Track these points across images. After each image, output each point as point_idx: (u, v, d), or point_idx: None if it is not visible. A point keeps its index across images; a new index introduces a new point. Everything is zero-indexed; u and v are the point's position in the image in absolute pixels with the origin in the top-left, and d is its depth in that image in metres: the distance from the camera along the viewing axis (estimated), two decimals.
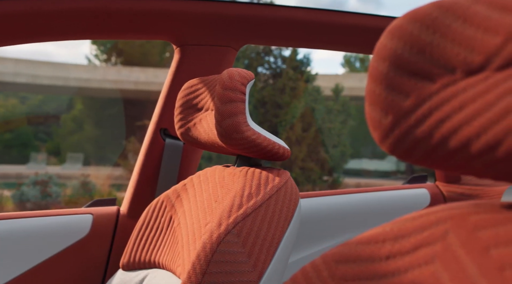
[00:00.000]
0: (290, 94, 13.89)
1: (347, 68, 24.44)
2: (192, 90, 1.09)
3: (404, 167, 16.70)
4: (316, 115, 14.11)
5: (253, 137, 0.93)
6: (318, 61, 26.67)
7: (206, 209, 0.98)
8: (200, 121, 1.05)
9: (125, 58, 15.84)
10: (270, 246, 0.85)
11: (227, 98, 0.91)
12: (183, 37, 1.27)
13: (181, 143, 1.34)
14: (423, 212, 0.38)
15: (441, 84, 0.32)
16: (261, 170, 0.96)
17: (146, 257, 1.06)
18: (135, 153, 12.84)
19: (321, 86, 14.81)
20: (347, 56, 24.80)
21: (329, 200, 1.43)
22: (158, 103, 1.34)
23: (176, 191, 1.09)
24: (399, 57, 0.34)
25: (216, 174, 1.04)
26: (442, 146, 0.31)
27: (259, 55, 14.38)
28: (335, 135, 14.51)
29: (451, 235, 0.33)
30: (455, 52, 0.31)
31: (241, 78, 0.93)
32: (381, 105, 0.35)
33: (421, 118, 0.32)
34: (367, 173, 16.73)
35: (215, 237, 0.81)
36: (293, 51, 14.68)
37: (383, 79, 0.34)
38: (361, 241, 0.39)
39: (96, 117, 14.86)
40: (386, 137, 0.35)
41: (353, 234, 1.44)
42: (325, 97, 14.88)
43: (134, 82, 15.32)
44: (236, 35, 1.28)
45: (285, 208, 0.90)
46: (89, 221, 1.28)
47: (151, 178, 1.34)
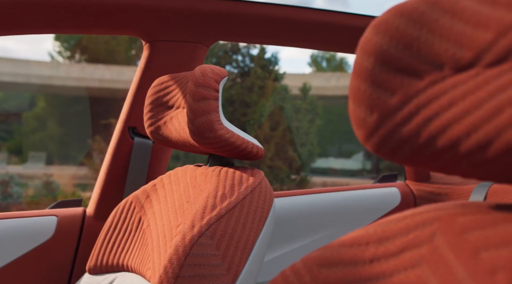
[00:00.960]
0: (258, 93, 13.92)
1: (314, 68, 24.65)
2: (163, 87, 1.05)
3: (370, 166, 16.97)
4: (284, 114, 14.17)
5: (226, 136, 0.90)
6: (285, 60, 26.79)
7: (178, 210, 0.95)
8: (171, 119, 1.02)
9: (90, 56, 15.54)
10: (244, 248, 0.83)
11: (199, 96, 0.88)
12: (153, 33, 1.23)
13: (150, 142, 1.30)
14: (407, 213, 0.37)
15: (429, 81, 0.31)
16: (234, 169, 0.93)
17: (114, 260, 1.02)
18: (100, 152, 12.63)
19: (289, 85, 14.88)
20: (314, 55, 25.00)
21: (302, 199, 1.42)
22: (126, 100, 1.30)
23: (145, 191, 1.06)
24: (385, 53, 0.33)
25: (188, 174, 1.01)
26: (430, 145, 0.30)
27: (227, 53, 14.34)
28: (303, 134, 14.62)
29: (438, 237, 0.32)
30: (443, 48, 0.30)
31: (214, 75, 0.91)
32: (366, 103, 0.33)
33: (408, 116, 0.31)
34: (333, 172, 16.92)
35: (188, 240, 0.79)
36: (261, 50, 14.71)
37: (368, 76, 0.33)
38: (343, 243, 0.38)
39: (60, 116, 14.53)
40: (371, 136, 0.34)
41: (327, 232, 1.44)
42: (293, 96, 14.96)
43: (99, 80, 15.05)
44: (208, 31, 1.25)
45: (260, 209, 0.88)
46: (54, 223, 1.23)
47: (119, 178, 1.30)
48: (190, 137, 0.94)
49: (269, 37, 1.34)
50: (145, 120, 1.07)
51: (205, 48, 1.28)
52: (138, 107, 1.27)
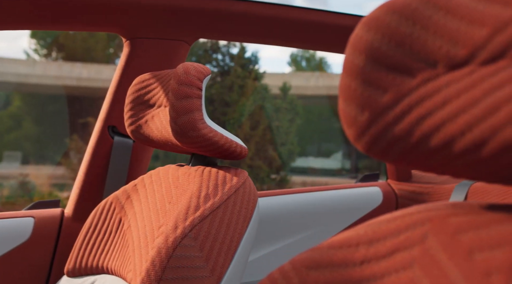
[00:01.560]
0: (238, 92, 13.91)
1: (293, 67, 24.76)
2: (144, 85, 1.03)
3: (350, 165, 17.10)
4: (265, 114, 14.19)
5: (210, 135, 0.89)
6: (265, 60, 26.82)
7: (159, 211, 0.93)
8: (152, 118, 1.00)
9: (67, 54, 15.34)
10: (228, 249, 0.82)
11: (182, 94, 0.86)
12: (133, 30, 1.21)
13: (130, 141, 1.28)
14: (398, 214, 0.36)
15: (422, 79, 0.30)
16: (217, 169, 0.92)
17: (93, 262, 1.00)
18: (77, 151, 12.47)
19: (269, 84, 14.90)
20: (293, 55, 25.10)
21: (286, 199, 1.42)
22: (106, 99, 1.28)
23: (126, 191, 1.04)
24: (376, 50, 0.32)
25: (170, 174, 0.99)
26: (422, 144, 0.30)
27: (207, 52, 14.30)
28: (283, 134, 14.65)
29: (431, 238, 0.32)
30: (437, 45, 0.30)
31: (197, 73, 0.89)
32: (356, 101, 0.33)
33: (400, 115, 0.31)
34: (313, 171, 17.01)
35: (170, 241, 0.77)
36: (241, 49, 14.70)
37: (359, 74, 0.32)
38: (332, 245, 0.37)
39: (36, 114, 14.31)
40: (362, 135, 0.33)
41: (310, 232, 1.44)
42: (273, 96, 14.99)
43: (77, 78, 14.87)
44: (189, 28, 1.23)
45: (244, 209, 0.87)
46: (30, 224, 1.19)
47: (98, 178, 1.27)
48: (173, 137, 0.92)
49: (252, 35, 1.32)
50: (125, 119, 1.05)
51: (186, 46, 1.26)
52: (118, 106, 1.25)
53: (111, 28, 1.20)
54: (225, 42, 14.95)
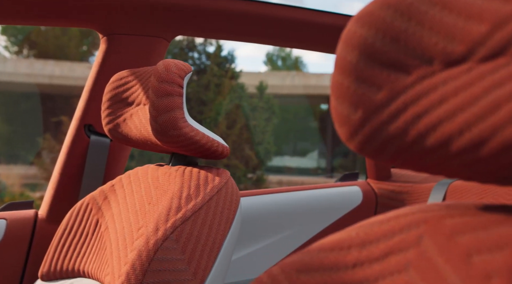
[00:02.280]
0: (214, 91, 13.86)
1: (269, 66, 24.84)
2: (122, 83, 1.00)
3: (325, 164, 17.23)
4: (242, 113, 14.19)
5: (191, 134, 0.86)
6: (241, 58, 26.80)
7: (138, 212, 0.90)
8: (131, 116, 0.97)
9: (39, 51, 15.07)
10: (211, 251, 0.79)
11: (163, 92, 0.84)
12: (110, 26, 1.17)
13: (107, 140, 1.24)
14: (391, 215, 0.35)
15: (417, 76, 0.29)
16: (199, 169, 0.90)
17: (69, 265, 0.97)
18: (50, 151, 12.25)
19: (245, 83, 14.90)
20: (269, 54, 25.19)
21: (266, 198, 1.40)
22: (82, 97, 1.24)
23: (103, 192, 1.01)
24: (370, 46, 0.31)
25: (149, 174, 0.96)
26: (418, 143, 0.29)
27: (183, 50, 14.21)
28: (259, 133, 14.67)
29: (426, 240, 0.31)
30: (433, 42, 0.29)
31: (178, 70, 0.86)
32: (349, 99, 0.32)
33: (395, 113, 0.30)
34: (288, 170, 17.10)
35: (151, 244, 0.74)
36: (218, 47, 14.65)
37: (352, 71, 0.31)
38: (323, 247, 0.36)
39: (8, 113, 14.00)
40: (355, 134, 0.32)
41: (291, 231, 1.43)
42: (249, 95, 14.99)
43: (49, 76, 14.62)
44: (168, 25, 1.21)
45: (226, 210, 0.85)
46: (3, 226, 1.15)
47: (74, 178, 1.23)
48: (152, 136, 0.90)
49: (232, 33, 1.30)
50: (102, 117, 1.02)
51: (165, 43, 1.23)
52: (94, 104, 1.21)
53: (87, 24, 1.17)
54: (201, 40, 14.91)
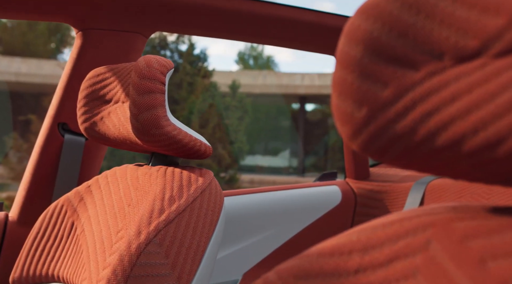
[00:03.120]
0: (187, 90, 13.77)
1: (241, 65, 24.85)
2: (99, 79, 0.96)
3: (297, 163, 17.32)
4: (215, 112, 14.14)
5: (173, 133, 0.83)
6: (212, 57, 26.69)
7: (117, 214, 0.87)
8: (109, 114, 0.93)
9: (5, 48, 14.69)
10: (195, 254, 0.77)
11: (144, 89, 0.81)
12: (86, 20, 1.13)
13: (82, 139, 1.20)
14: (394, 218, 0.33)
15: (426, 72, 0.28)
16: (181, 169, 0.87)
17: (42, 270, 0.92)
18: (17, 150, 11.95)
19: (218, 82, 14.85)
20: (241, 53, 25.19)
21: (245, 198, 1.38)
22: (55, 94, 1.19)
23: (78, 193, 0.97)
24: (376, 40, 0.29)
25: (128, 174, 0.93)
26: (427, 143, 0.28)
27: (155, 48, 14.06)
28: (232, 132, 14.63)
29: (435, 245, 0.29)
30: (443, 36, 0.27)
31: (160, 67, 0.83)
32: (353, 96, 0.30)
33: (403, 111, 0.28)
34: (260, 169, 17.13)
35: (134, 248, 0.71)
36: (190, 45, 14.56)
37: (356, 66, 0.30)
38: (322, 252, 0.34)
39: None
40: (359, 133, 0.30)
41: (272, 231, 1.41)
42: (222, 94, 14.94)
43: (15, 73, 14.26)
44: (147, 20, 1.17)
45: (210, 212, 0.82)
46: None
47: (47, 179, 1.18)
48: (132, 134, 0.86)
49: (211, 29, 1.28)
50: (78, 115, 0.98)
51: (143, 39, 1.20)
52: (69, 102, 1.17)
53: (62, 18, 1.12)
54: (174, 38, 14.78)
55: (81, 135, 1.20)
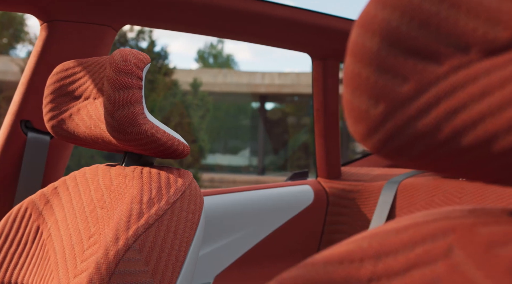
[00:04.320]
0: (148, 88, 13.56)
1: (200, 64, 24.70)
2: (67, 74, 0.91)
3: (256, 162, 17.37)
4: (176, 110, 14.01)
5: (151, 131, 0.79)
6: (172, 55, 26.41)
7: (89, 218, 0.82)
8: (78, 112, 0.88)
9: None
10: (176, 261, 0.72)
11: (121, 84, 0.76)
12: (52, 11, 1.06)
13: (47, 138, 1.13)
14: (406, 223, 0.31)
15: (450, 66, 0.26)
16: (158, 170, 0.82)
17: (5, 279, 0.87)
18: None
19: (178, 80, 14.71)
20: (200, 51, 25.04)
21: (217, 199, 1.34)
22: (17, 90, 1.12)
23: (44, 195, 0.92)
24: (394, 31, 0.27)
25: (99, 175, 0.88)
26: (452, 142, 0.26)
27: (114, 45, 13.77)
28: (194, 130, 14.52)
29: (457, 252, 0.27)
30: (470, 27, 0.25)
31: (136, 60, 0.79)
32: (369, 91, 0.28)
33: (425, 108, 0.27)
34: (220, 168, 17.09)
35: (112, 255, 0.66)
36: (151, 43, 14.35)
37: (372, 59, 0.28)
38: (330, 260, 0.32)
39: None
40: (374, 131, 0.28)
41: (244, 232, 1.38)
42: (183, 92, 14.81)
43: None
44: (117, 13, 1.11)
45: (191, 214, 0.78)
46: None
47: (9, 180, 1.11)
48: (105, 133, 0.81)
49: (183, 24, 1.23)
50: (44, 112, 0.92)
51: (113, 32, 1.14)
52: (33, 98, 1.10)
53: (25, 8, 1.05)
54: (134, 35, 14.53)
55: (46, 133, 1.13)
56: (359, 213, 1.50)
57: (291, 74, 16.86)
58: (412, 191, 1.38)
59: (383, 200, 1.44)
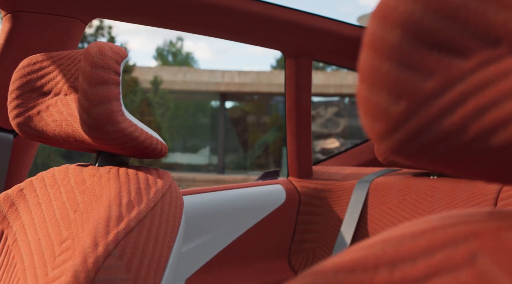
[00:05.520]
0: None
1: (159, 61, 24.39)
2: (35, 68, 0.85)
3: (217, 161, 17.31)
4: (137, 108, 13.78)
5: (130, 130, 0.75)
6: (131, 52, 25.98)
7: (60, 222, 0.77)
8: (48, 108, 0.83)
9: None
10: (157, 266, 0.69)
11: (98, 79, 0.71)
12: (16, 1, 1.00)
13: (10, 136, 1.07)
14: (422, 226, 0.30)
15: (478, 61, 0.25)
16: (136, 170, 0.78)
17: None
18: None
19: (138, 78, 14.47)
20: (159, 49, 24.74)
21: (189, 199, 1.31)
22: None
23: (8, 197, 0.87)
24: (417, 23, 0.26)
25: (71, 176, 0.83)
26: (480, 142, 0.25)
27: None
28: (154, 129, 14.31)
29: (483, 258, 0.26)
30: (501, 19, 0.24)
31: (114, 55, 0.74)
32: (390, 87, 0.26)
33: (451, 105, 0.25)
34: (179, 167, 16.93)
35: (91, 262, 0.62)
36: (110, 39, 14.06)
37: (393, 53, 0.26)
38: (340, 267, 0.29)
39: None
40: (394, 130, 0.27)
41: (217, 232, 1.35)
42: (144, 90, 14.58)
43: None
44: (86, 5, 1.06)
45: (172, 217, 0.74)
46: None
47: None
48: (78, 131, 0.77)
49: (154, 18, 1.19)
50: (9, 109, 0.86)
51: (81, 25, 1.08)
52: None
53: None
54: (92, 31, 14.17)
55: (9, 131, 1.07)
56: (331, 212, 1.49)
57: (251, 73, 16.87)
58: (384, 190, 1.39)
59: (355, 199, 1.44)
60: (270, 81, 16.41)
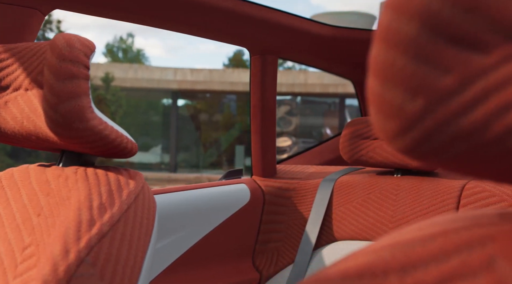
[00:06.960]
0: None
1: (109, 58, 23.83)
2: None
3: (169, 159, 17.11)
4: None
5: (100, 127, 0.70)
6: None
7: (21, 226, 0.71)
8: (6, 104, 0.77)
9: None
10: (132, 272, 0.65)
11: (66, 73, 0.66)
12: None
13: None
14: (432, 230, 0.28)
15: (500, 56, 0.24)
16: (105, 171, 0.74)
17: None
18: None
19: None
20: (109, 45, 24.16)
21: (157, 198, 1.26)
22: None
23: None
24: (435, 15, 0.24)
25: (32, 177, 0.77)
26: (502, 142, 0.24)
27: None
28: None
29: (502, 264, 0.25)
30: None
31: (83, 47, 0.70)
32: (405, 83, 0.25)
33: (471, 103, 0.24)
34: (130, 165, 16.62)
35: (62, 271, 0.57)
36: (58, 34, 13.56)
37: (410, 46, 0.25)
38: (347, 274, 0.27)
39: None
40: (409, 129, 0.25)
41: (180, 234, 1.31)
42: (94, 87, 14.21)
43: None
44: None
45: (145, 220, 0.70)
46: None
47: None
48: (42, 129, 0.71)
49: (115, 10, 1.13)
50: None
51: (40, 16, 1.02)
52: None
53: None
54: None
55: None
56: (296, 211, 1.48)
57: (204, 70, 16.76)
58: (349, 189, 1.39)
59: (320, 198, 1.43)
60: (223, 79, 16.37)
